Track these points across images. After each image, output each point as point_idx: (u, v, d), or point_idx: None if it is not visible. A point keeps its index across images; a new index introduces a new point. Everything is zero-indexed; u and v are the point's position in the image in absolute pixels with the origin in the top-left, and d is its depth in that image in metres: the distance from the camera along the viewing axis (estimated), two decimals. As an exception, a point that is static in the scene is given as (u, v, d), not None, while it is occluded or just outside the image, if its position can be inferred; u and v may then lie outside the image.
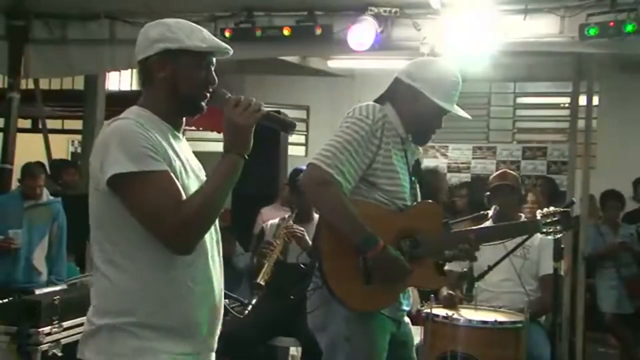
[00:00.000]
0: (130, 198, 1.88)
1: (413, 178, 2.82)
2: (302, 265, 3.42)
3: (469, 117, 2.80)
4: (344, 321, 2.63)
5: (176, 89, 2.03)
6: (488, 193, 4.24)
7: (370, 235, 2.56)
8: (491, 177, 4.43)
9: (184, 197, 1.92)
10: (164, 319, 1.92)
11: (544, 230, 3.07)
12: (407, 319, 2.89)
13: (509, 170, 4.46)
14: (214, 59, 2.08)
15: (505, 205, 4.06)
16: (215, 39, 2.09)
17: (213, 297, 2.04)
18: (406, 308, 2.84)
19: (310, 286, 2.69)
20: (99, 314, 1.96)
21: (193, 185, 2.01)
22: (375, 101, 2.78)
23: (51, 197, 5.07)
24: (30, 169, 5.12)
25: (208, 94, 2.05)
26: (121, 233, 1.93)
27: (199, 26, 2.07)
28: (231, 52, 2.09)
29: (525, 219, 4.02)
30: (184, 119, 2.12)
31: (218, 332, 2.09)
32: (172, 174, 1.92)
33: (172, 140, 2.02)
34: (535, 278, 4.10)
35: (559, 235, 3.11)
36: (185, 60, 2.02)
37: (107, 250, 1.95)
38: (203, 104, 2.06)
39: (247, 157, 1.99)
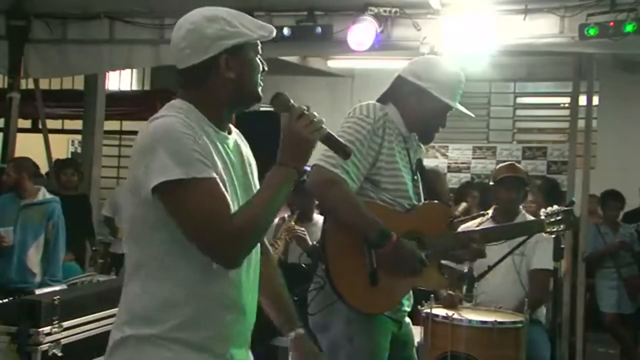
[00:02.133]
0: (178, 207, 1.73)
1: (416, 177, 2.82)
2: (303, 266, 3.43)
3: (472, 115, 2.82)
4: (346, 321, 2.63)
5: (242, 85, 1.88)
6: (492, 184, 4.18)
7: (384, 229, 2.56)
8: (497, 168, 4.35)
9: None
10: (193, 333, 1.81)
11: (548, 229, 3.07)
12: (407, 319, 2.89)
13: (516, 164, 4.38)
14: None
15: (510, 200, 4.03)
16: (267, 24, 1.94)
17: (246, 314, 1.92)
18: (407, 309, 2.85)
19: (312, 286, 2.70)
20: (127, 324, 1.85)
21: (233, 192, 1.85)
22: (378, 101, 2.77)
23: (48, 196, 5.03)
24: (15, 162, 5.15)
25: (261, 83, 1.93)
26: (158, 242, 1.80)
27: (248, 15, 1.93)
28: (272, 33, 1.92)
29: (529, 218, 4.00)
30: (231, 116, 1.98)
31: (247, 348, 1.99)
32: (218, 181, 1.77)
33: (217, 142, 1.86)
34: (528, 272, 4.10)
35: (561, 234, 3.11)
36: (249, 53, 1.88)
37: (140, 258, 1.83)
38: (260, 92, 1.93)
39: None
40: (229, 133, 1.95)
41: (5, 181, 4.98)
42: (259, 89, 1.93)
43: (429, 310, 3.38)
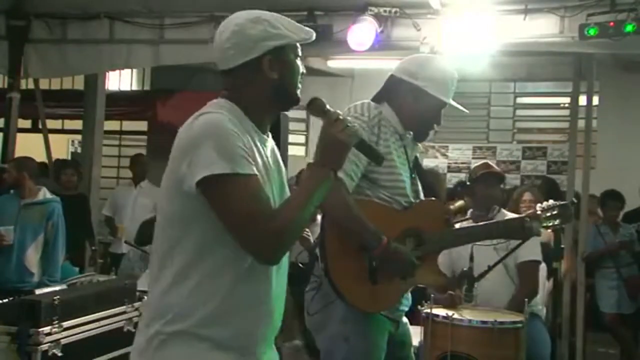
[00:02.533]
0: (222, 201, 1.77)
1: (413, 175, 2.83)
2: (300, 265, 3.43)
3: (466, 111, 2.84)
4: (342, 321, 2.63)
5: (284, 86, 1.93)
6: (468, 183, 4.21)
7: (375, 232, 2.57)
8: (473, 168, 4.38)
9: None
10: (220, 331, 1.83)
11: (544, 224, 3.07)
12: (405, 319, 2.89)
13: (490, 163, 4.41)
14: None
15: (490, 197, 4.06)
16: (307, 28, 2.00)
17: (274, 315, 1.94)
18: (404, 308, 2.84)
19: (309, 286, 2.70)
20: (154, 320, 1.85)
21: (270, 192, 1.88)
22: (372, 100, 2.78)
23: (48, 196, 5.03)
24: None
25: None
26: (193, 237, 1.82)
27: (289, 19, 1.99)
28: (312, 36, 2.00)
29: (509, 216, 3.99)
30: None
31: (273, 348, 2.02)
32: (259, 179, 1.81)
33: (257, 142, 1.90)
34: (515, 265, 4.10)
35: (557, 228, 3.11)
36: (290, 55, 1.94)
37: (171, 253, 1.84)
38: (299, 95, 1.99)
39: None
40: (267, 136, 1.99)
41: (6, 179, 4.98)
42: (298, 92, 1.99)
43: (429, 310, 3.38)
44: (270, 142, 2.00)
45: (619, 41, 4.90)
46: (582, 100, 5.94)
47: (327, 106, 1.91)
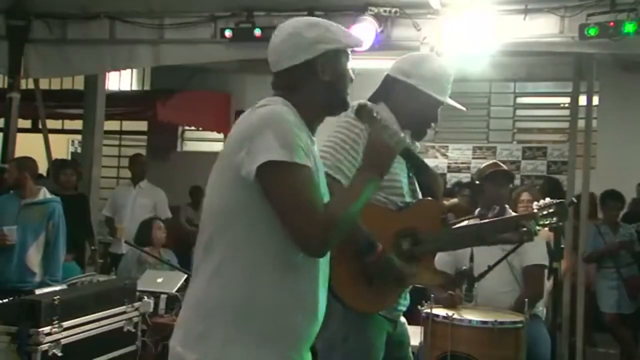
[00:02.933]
0: (279, 188, 1.80)
1: (410, 174, 2.82)
2: None
3: (464, 108, 2.83)
4: (340, 321, 2.61)
5: (335, 90, 2.01)
6: (478, 182, 4.20)
7: (370, 240, 2.56)
8: (482, 167, 4.35)
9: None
10: (265, 325, 1.85)
11: (541, 222, 3.06)
12: (403, 319, 2.89)
13: (499, 162, 4.40)
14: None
15: (499, 195, 4.04)
16: (350, 32, 2.10)
17: (318, 313, 1.96)
18: (402, 308, 2.84)
19: None
20: (200, 317, 1.86)
21: None
22: (369, 100, 2.76)
23: (48, 196, 5.03)
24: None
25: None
26: (242, 228, 1.84)
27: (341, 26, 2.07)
28: (360, 43, 2.11)
29: (521, 213, 3.99)
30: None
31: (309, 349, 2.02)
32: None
33: (309, 142, 1.94)
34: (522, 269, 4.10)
35: (554, 226, 3.10)
36: (343, 60, 2.03)
37: (221, 244, 1.86)
38: (348, 100, 2.07)
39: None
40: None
41: (6, 179, 4.98)
42: (348, 98, 2.06)
43: (429, 310, 3.39)
44: (316, 145, 2.05)
45: (619, 41, 4.90)
46: (582, 100, 5.93)
47: (376, 112, 2.03)
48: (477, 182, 4.23)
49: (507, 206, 4.14)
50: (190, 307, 1.91)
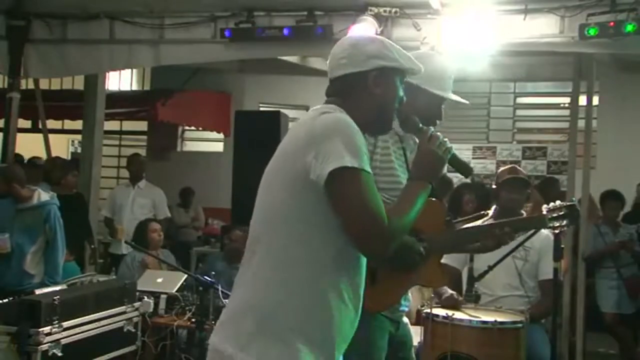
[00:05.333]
0: (347, 194, 1.84)
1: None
2: None
3: (467, 102, 2.85)
4: None
5: (384, 105, 2.07)
6: (495, 187, 4.17)
7: None
8: (500, 171, 4.33)
9: None
10: (309, 328, 1.88)
11: (550, 225, 3.05)
12: (406, 319, 2.89)
13: (517, 167, 4.36)
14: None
15: (514, 201, 4.00)
16: (413, 58, 2.14)
17: (356, 317, 2.02)
18: (404, 308, 2.84)
19: None
20: (255, 318, 1.87)
21: None
22: None
23: (43, 199, 4.96)
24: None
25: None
26: (311, 228, 1.88)
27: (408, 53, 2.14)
28: (420, 71, 2.16)
29: (530, 215, 3.97)
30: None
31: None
32: None
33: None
34: (534, 279, 4.07)
35: (564, 229, 3.10)
36: (396, 80, 2.09)
37: (277, 247, 1.90)
38: (393, 120, 2.15)
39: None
40: None
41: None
42: (393, 118, 2.14)
43: (429, 310, 3.39)
44: None
45: (619, 41, 4.90)
46: (582, 100, 5.93)
47: (420, 124, 2.15)
48: (494, 186, 4.21)
49: (523, 212, 4.12)
50: (242, 307, 1.91)
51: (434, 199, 2.91)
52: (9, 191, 4.83)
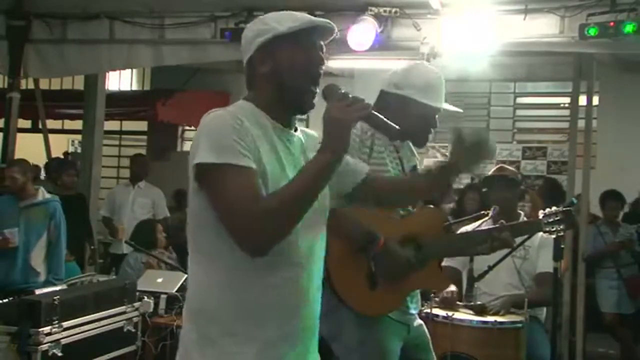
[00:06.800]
0: (210, 190, 1.82)
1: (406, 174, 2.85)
2: None
3: (460, 110, 2.86)
4: (356, 327, 2.68)
5: (281, 80, 1.92)
6: (485, 189, 4.19)
7: (371, 233, 2.60)
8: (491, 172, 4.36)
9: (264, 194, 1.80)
10: (230, 324, 1.85)
11: (547, 229, 3.07)
12: (419, 321, 2.91)
13: (506, 166, 4.37)
14: (320, 41, 1.96)
15: (503, 200, 4.00)
16: (310, 16, 1.95)
17: (300, 307, 1.91)
18: (414, 312, 2.87)
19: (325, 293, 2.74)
20: (185, 317, 1.95)
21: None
22: None
23: (47, 196, 5.03)
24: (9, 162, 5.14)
25: (317, 76, 1.94)
26: (202, 228, 1.88)
27: (294, 12, 1.96)
28: (334, 28, 1.95)
29: (527, 219, 3.98)
30: (295, 115, 1.99)
31: (310, 346, 1.98)
32: (255, 171, 1.80)
33: (274, 136, 1.91)
34: (533, 277, 4.08)
35: (561, 234, 3.11)
36: (284, 48, 1.91)
37: (191, 248, 1.93)
38: (312, 88, 1.94)
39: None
40: (295, 130, 2.00)
41: (10, 186, 4.93)
42: (310, 86, 1.93)
43: (429, 310, 3.39)
44: (299, 137, 2.00)
45: (619, 41, 4.90)
46: (582, 100, 5.93)
47: (342, 90, 1.87)
48: (483, 189, 4.22)
49: (521, 213, 4.12)
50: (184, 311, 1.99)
51: (432, 207, 2.95)
52: (23, 183, 4.87)
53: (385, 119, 1.90)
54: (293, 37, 1.91)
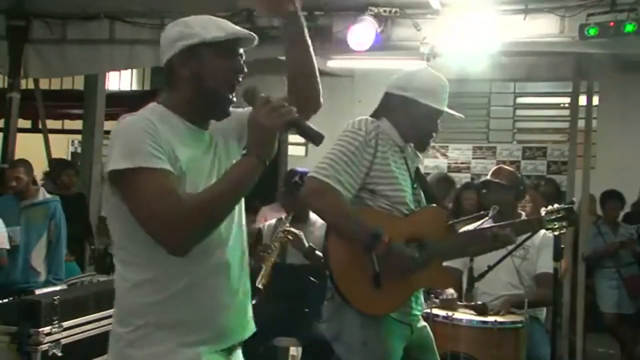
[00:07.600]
0: (126, 195, 1.83)
1: (415, 185, 2.89)
2: (311, 279, 3.50)
3: (462, 116, 2.89)
4: (359, 327, 2.69)
5: (201, 84, 1.94)
6: (484, 190, 4.21)
7: (376, 231, 2.61)
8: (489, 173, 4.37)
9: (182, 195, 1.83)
10: (163, 317, 1.91)
11: (549, 227, 3.09)
12: (423, 322, 2.92)
13: (504, 167, 4.37)
14: (241, 49, 2.01)
15: (498, 202, 4.01)
16: (236, 27, 1.99)
17: (222, 301, 1.96)
18: (417, 312, 2.87)
19: (328, 294, 2.77)
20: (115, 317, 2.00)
21: (207, 182, 1.91)
22: (371, 116, 2.85)
23: (48, 196, 5.04)
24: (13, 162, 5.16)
25: (235, 85, 1.97)
26: (122, 230, 1.91)
27: (218, 18, 2.01)
28: (255, 38, 2.00)
29: (528, 217, 3.98)
30: (209, 120, 2.02)
31: (240, 333, 2.04)
32: (172, 173, 1.83)
33: (188, 137, 1.94)
34: (532, 276, 4.08)
35: (563, 231, 3.12)
36: (207, 54, 1.94)
37: (115, 250, 1.97)
38: (230, 96, 1.96)
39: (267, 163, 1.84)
40: (206, 129, 2.01)
41: (16, 186, 4.95)
42: (227, 93, 1.96)
43: (429, 310, 3.39)
44: (211, 135, 2.01)
45: (619, 41, 4.90)
46: (582, 100, 5.94)
47: (263, 94, 1.88)
48: (483, 190, 4.24)
49: (522, 213, 4.13)
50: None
51: (435, 205, 2.96)
52: (27, 183, 4.89)
53: (311, 125, 1.92)
54: (217, 45, 1.94)
